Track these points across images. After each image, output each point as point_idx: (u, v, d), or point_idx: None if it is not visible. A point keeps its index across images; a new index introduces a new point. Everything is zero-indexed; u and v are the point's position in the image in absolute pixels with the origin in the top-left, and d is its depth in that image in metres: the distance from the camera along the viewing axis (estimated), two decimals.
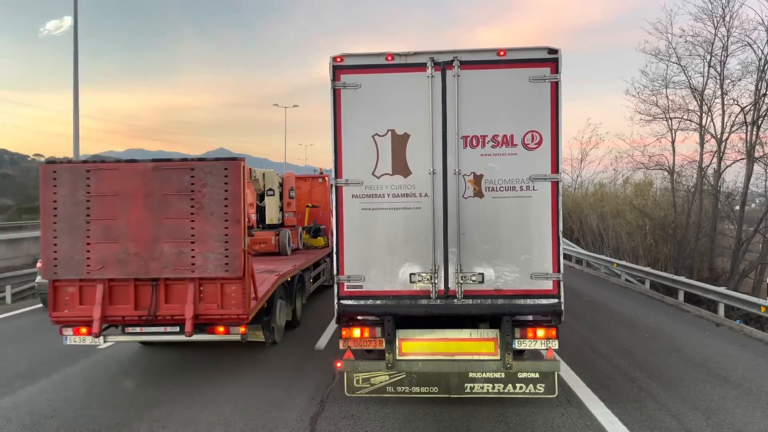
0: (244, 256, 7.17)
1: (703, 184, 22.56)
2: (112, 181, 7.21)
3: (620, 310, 13.52)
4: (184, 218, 7.12)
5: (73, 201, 7.14)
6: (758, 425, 6.33)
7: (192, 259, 7.09)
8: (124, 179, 7.21)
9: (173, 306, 7.26)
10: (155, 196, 7.15)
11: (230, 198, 7.09)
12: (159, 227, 7.11)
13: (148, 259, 7.13)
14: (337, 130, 6.09)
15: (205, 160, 7.32)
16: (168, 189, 7.15)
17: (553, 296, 6.02)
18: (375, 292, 6.14)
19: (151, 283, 7.21)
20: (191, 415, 6.64)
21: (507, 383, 6.23)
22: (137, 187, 7.15)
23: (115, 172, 7.25)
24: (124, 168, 7.28)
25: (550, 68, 5.95)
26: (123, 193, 7.16)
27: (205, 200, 7.11)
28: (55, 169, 7.16)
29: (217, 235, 7.08)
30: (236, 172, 7.13)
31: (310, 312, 12.42)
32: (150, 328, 7.61)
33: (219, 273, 7.09)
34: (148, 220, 7.13)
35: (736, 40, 20.57)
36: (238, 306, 7.30)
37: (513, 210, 6.02)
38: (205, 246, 7.09)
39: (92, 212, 7.15)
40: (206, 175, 7.14)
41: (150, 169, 7.19)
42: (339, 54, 6.09)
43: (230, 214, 7.09)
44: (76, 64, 21.74)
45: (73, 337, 7.60)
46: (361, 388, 6.35)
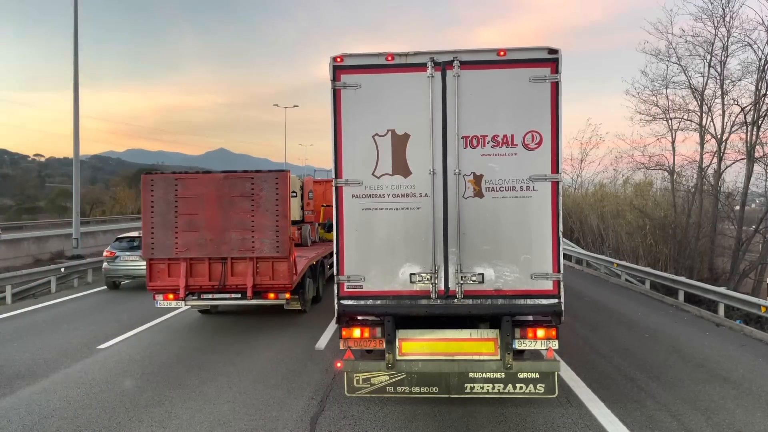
0: (290, 242, 9.99)
1: (703, 184, 22.56)
2: (193, 187, 9.97)
3: (620, 310, 13.52)
4: (246, 213, 9.86)
5: (165, 201, 9.92)
6: (758, 425, 6.33)
7: (252, 244, 9.88)
8: (202, 185, 9.97)
9: (237, 278, 10.05)
10: (225, 197, 9.86)
11: (280, 199, 9.83)
12: (228, 220, 9.87)
13: (219, 243, 9.91)
14: (337, 130, 6.08)
15: (261, 171, 10.12)
16: (234, 192, 9.88)
17: (553, 296, 6.00)
18: (375, 292, 6.13)
19: (221, 261, 10.00)
20: (191, 415, 6.64)
21: (507, 383, 6.21)
22: (212, 191, 9.87)
23: (195, 180, 10.03)
24: (202, 177, 10.16)
25: (550, 68, 5.93)
26: (201, 195, 9.89)
27: (261, 200, 9.83)
28: (152, 179, 10.05)
29: (270, 226, 9.83)
30: (284, 180, 9.88)
31: (309, 312, 12.49)
32: (220, 294, 10.36)
33: (272, 254, 9.90)
34: (219, 215, 9.87)
35: (736, 40, 20.62)
36: (285, 278, 10.09)
37: (513, 210, 6.01)
38: (261, 234, 9.84)
39: (179, 209, 9.93)
40: (262, 182, 9.86)
41: (221, 178, 9.99)
42: (339, 54, 6.08)
43: (280, 210, 9.85)
44: (76, 64, 21.76)
45: (163, 302, 10.41)
46: (361, 388, 6.34)
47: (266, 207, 9.85)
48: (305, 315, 12.17)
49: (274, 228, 9.85)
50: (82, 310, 13.69)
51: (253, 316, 12.55)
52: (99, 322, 12.09)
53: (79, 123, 21.69)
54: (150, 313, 12.44)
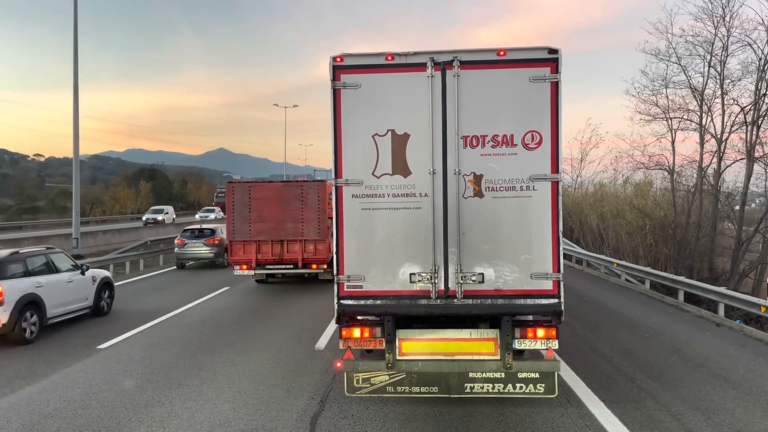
0: (327, 229, 14.88)
1: (703, 184, 22.55)
2: (261, 191, 15.28)
3: (620, 310, 13.52)
4: (297, 210, 15.08)
5: (242, 202, 15.23)
6: (758, 425, 6.33)
7: (301, 230, 15.12)
8: (267, 190, 15.33)
9: (291, 254, 15.37)
10: (283, 199, 15.09)
11: (321, 200, 15.00)
12: (285, 214, 15.09)
13: (279, 230, 15.16)
14: (337, 130, 6.08)
15: (308, 181, 16.62)
16: (289, 195, 15.12)
17: (553, 296, 6.00)
18: (375, 292, 6.12)
19: (280, 242, 15.29)
20: (191, 414, 6.64)
21: (507, 383, 6.20)
22: (274, 194, 15.13)
23: (262, 187, 15.53)
24: (267, 185, 15.73)
25: (550, 68, 5.93)
26: (267, 197, 15.13)
27: (307, 201, 15.02)
28: (233, 186, 15.62)
29: (314, 218, 15.06)
30: (323, 187, 14.99)
31: (310, 312, 12.47)
32: (279, 265, 15.57)
33: (314, 237, 15.17)
34: (279, 210, 15.10)
35: (736, 40, 20.59)
36: (323, 254, 15.21)
37: (513, 210, 6.00)
38: (308, 224, 15.05)
39: (252, 207, 15.24)
40: (308, 188, 15.18)
41: (281, 185, 15.57)
42: (339, 54, 6.07)
43: (320, 208, 15.05)
44: (76, 64, 21.74)
45: (239, 270, 15.61)
46: (361, 388, 6.33)
47: (311, 205, 15.02)
48: (305, 315, 12.28)
49: (316, 219, 15.04)
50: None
51: (253, 316, 12.57)
52: (99, 321, 12.09)
53: (79, 123, 21.68)
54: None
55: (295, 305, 13.73)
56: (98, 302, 12.73)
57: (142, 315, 12.66)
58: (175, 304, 13.91)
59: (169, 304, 14.03)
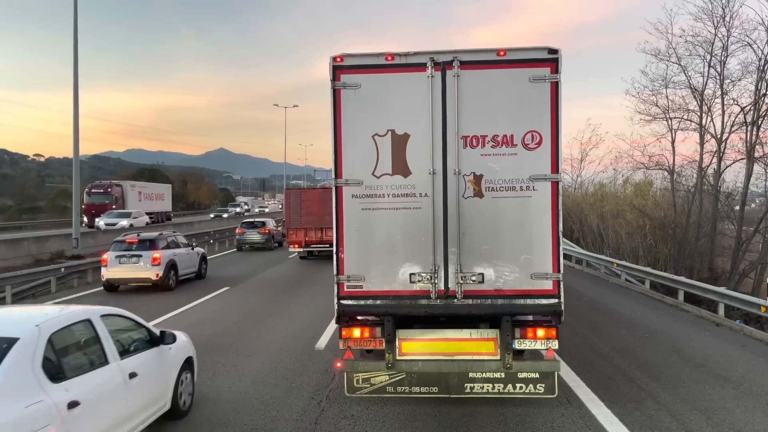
0: None
1: (703, 184, 22.54)
2: (308, 194, 24.01)
3: (620, 310, 13.52)
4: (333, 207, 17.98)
5: (296, 202, 23.26)
6: (758, 425, 6.33)
7: None
8: (313, 194, 23.96)
9: (327, 237, 20.94)
10: (322, 199, 21.41)
11: None
12: (324, 209, 20.69)
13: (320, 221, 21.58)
14: (337, 130, 6.07)
15: None
16: (326, 196, 19.44)
17: (553, 296, 5.99)
18: (375, 292, 6.11)
19: (320, 229, 21.60)
20: (191, 414, 6.63)
21: (507, 383, 6.20)
22: (317, 196, 22.41)
23: (309, 191, 25.49)
24: (312, 190, 25.83)
25: (550, 68, 5.92)
26: (312, 198, 22.80)
27: None
28: (290, 192, 25.16)
29: None
30: None
31: (310, 312, 12.48)
32: (319, 245, 22.38)
33: None
34: (320, 207, 21.26)
35: (736, 40, 20.58)
36: None
37: (513, 210, 6.00)
38: None
39: (302, 205, 22.90)
40: None
41: (321, 190, 23.44)
42: (339, 54, 6.06)
43: None
44: (76, 64, 21.74)
45: (293, 248, 23.26)
46: (361, 388, 6.33)
47: None
48: (305, 315, 12.30)
49: None
50: None
51: (253, 316, 12.57)
52: None
53: (79, 123, 21.69)
54: None
55: (295, 305, 13.73)
56: (200, 269, 18.83)
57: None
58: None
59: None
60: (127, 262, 15.94)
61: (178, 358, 6.60)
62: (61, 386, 4.44)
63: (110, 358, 5.22)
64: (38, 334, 4.52)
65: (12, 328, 4.59)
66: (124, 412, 5.20)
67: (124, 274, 15.94)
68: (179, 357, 6.62)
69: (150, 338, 6.15)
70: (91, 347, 5.16)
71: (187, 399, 6.69)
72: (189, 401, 6.77)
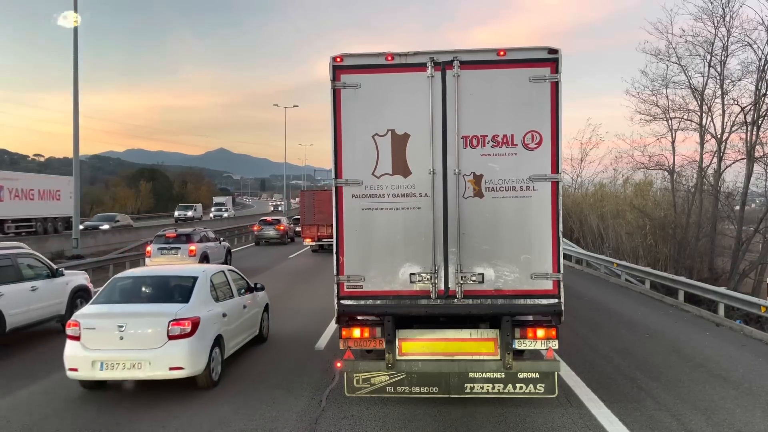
0: None
1: (703, 184, 22.54)
2: (320, 195, 27.00)
3: (620, 310, 13.52)
4: None
5: (309, 202, 27.21)
6: (758, 425, 6.33)
7: None
8: (323, 194, 26.53)
9: None
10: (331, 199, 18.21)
11: None
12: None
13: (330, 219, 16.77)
14: (337, 130, 6.08)
15: None
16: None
17: (553, 296, 6.00)
18: (375, 292, 6.12)
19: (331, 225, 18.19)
20: (191, 415, 6.64)
21: (507, 383, 6.21)
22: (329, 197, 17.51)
23: (321, 192, 28.26)
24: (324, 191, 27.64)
25: (550, 68, 5.93)
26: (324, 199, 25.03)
27: None
28: (304, 193, 30.78)
29: None
30: None
31: (310, 312, 12.49)
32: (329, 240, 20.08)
33: None
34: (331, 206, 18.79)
35: (736, 40, 20.59)
36: None
37: (513, 210, 6.01)
38: None
39: (315, 205, 26.49)
40: None
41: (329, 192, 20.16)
42: (339, 54, 6.07)
43: None
44: (76, 64, 21.75)
45: (306, 242, 27.22)
46: (361, 388, 6.34)
47: None
48: (305, 315, 12.33)
49: None
50: None
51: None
52: None
53: (79, 123, 21.68)
54: None
55: (295, 306, 13.72)
56: (226, 260, 21.01)
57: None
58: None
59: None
60: (168, 253, 18.59)
61: (263, 302, 10.15)
62: (218, 304, 8.19)
63: (234, 294, 8.92)
64: (206, 275, 8.35)
65: (192, 273, 8.39)
66: (241, 326, 8.90)
67: (164, 263, 17.64)
68: (263, 302, 10.16)
69: (249, 287, 9.69)
70: (226, 287, 8.81)
71: (266, 331, 10.16)
72: (267, 332, 10.20)
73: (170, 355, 7.02)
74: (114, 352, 7.01)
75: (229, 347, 8.28)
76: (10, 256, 10.24)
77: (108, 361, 6.99)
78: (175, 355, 7.03)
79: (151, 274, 8.76)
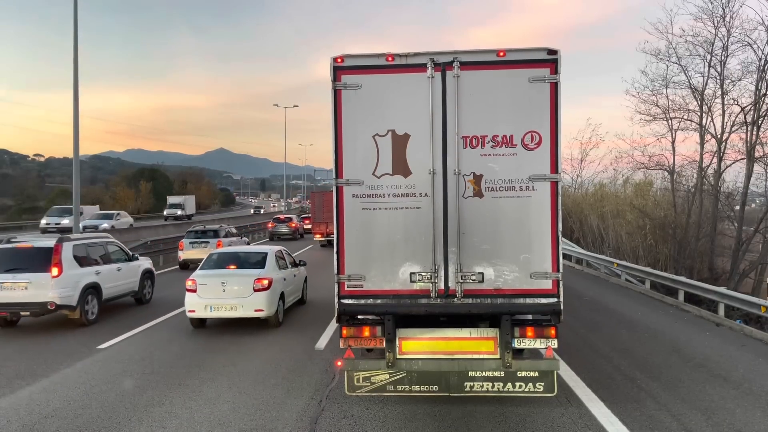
0: None
1: (703, 184, 22.55)
2: (328, 196, 28.22)
3: (620, 310, 13.52)
4: None
5: (319, 201, 30.42)
6: (758, 425, 6.33)
7: None
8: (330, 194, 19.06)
9: None
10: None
11: None
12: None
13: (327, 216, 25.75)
14: (338, 130, 6.11)
15: None
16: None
17: (552, 295, 6.02)
18: (375, 292, 6.15)
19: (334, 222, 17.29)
20: (191, 415, 6.64)
21: (506, 382, 6.22)
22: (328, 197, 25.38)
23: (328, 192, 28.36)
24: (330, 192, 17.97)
25: (549, 69, 5.94)
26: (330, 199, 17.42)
27: None
28: (314, 194, 32.81)
29: None
30: None
31: (310, 312, 12.46)
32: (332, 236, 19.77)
33: None
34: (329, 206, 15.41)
35: (736, 40, 20.60)
36: None
37: (512, 210, 6.03)
38: None
39: (324, 204, 29.36)
40: None
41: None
42: (340, 55, 6.09)
43: None
44: (76, 64, 21.74)
45: (317, 237, 30.44)
46: (361, 387, 6.35)
47: None
48: (305, 315, 12.36)
49: None
50: None
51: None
52: (99, 321, 12.11)
53: (79, 123, 21.67)
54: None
55: (295, 306, 13.74)
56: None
57: None
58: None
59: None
60: (198, 246, 21.79)
61: (304, 274, 14.10)
62: (281, 272, 11.82)
63: (288, 266, 12.59)
64: (272, 252, 12.06)
65: (263, 250, 12.27)
66: (293, 289, 12.73)
67: (196, 255, 21.07)
68: (304, 274, 14.11)
69: (295, 262, 13.43)
70: (282, 261, 12.43)
71: (305, 296, 14.09)
72: (306, 297, 14.10)
73: (255, 301, 10.70)
74: (219, 300, 10.72)
75: (287, 302, 12.09)
76: (102, 243, 13.24)
77: (215, 305, 10.69)
78: (258, 302, 10.70)
79: (236, 251, 12.80)
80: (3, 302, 10.91)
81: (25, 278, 10.97)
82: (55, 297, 10.97)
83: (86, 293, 11.67)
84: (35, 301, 10.89)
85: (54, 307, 10.96)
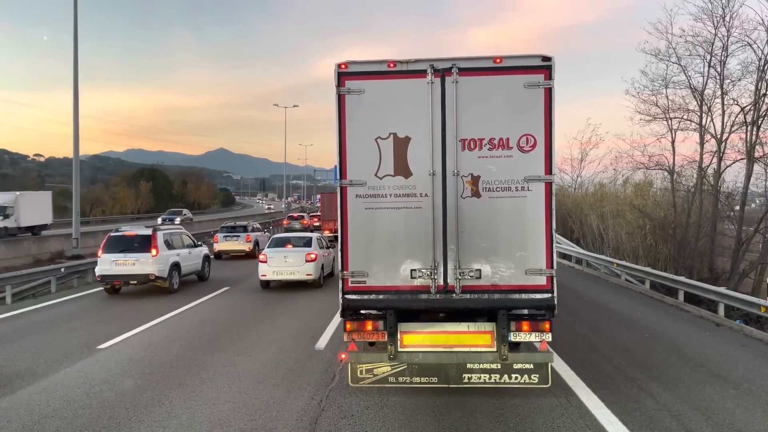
0: None
1: (703, 184, 22.55)
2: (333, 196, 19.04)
3: (620, 310, 13.52)
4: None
5: (328, 201, 36.43)
6: (758, 425, 6.35)
7: None
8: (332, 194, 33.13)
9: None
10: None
11: None
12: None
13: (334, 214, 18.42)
14: (342, 133, 6.35)
15: None
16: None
17: (546, 291, 6.26)
18: (378, 287, 6.40)
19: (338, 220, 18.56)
20: (191, 415, 6.65)
21: (503, 374, 6.52)
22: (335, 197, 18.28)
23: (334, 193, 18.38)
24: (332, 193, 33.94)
25: (543, 75, 6.18)
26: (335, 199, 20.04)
27: None
28: (323, 195, 41.71)
29: None
30: None
31: (310, 312, 12.48)
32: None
33: None
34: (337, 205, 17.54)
35: (736, 40, 20.59)
36: None
37: (509, 209, 6.27)
38: None
39: (332, 203, 33.07)
40: None
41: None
42: (344, 61, 6.34)
43: None
44: (76, 64, 21.77)
45: (326, 233, 31.00)
46: (364, 379, 6.63)
47: None
48: (305, 315, 12.35)
49: None
50: (83, 310, 13.72)
51: (253, 316, 12.59)
52: (99, 321, 12.12)
53: (79, 123, 21.70)
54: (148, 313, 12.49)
55: (295, 306, 13.77)
56: None
57: None
58: None
59: None
60: (230, 239, 26.62)
61: (333, 254, 17.95)
62: (321, 250, 17.44)
63: (325, 246, 18.23)
64: (315, 235, 18.19)
65: (307, 235, 18.50)
66: (327, 263, 17.98)
67: (228, 246, 26.44)
68: (333, 254, 17.97)
69: (327, 245, 18.40)
70: (321, 242, 18.09)
71: (335, 271, 16.15)
72: (333, 272, 17.68)
73: (306, 269, 16.04)
74: (282, 267, 16.03)
75: (325, 273, 17.32)
76: (179, 233, 17.87)
77: (280, 271, 16.05)
78: (308, 269, 16.05)
79: (291, 235, 19.02)
80: (118, 273, 15.11)
81: (133, 257, 15.13)
82: (155, 270, 15.16)
83: (172, 269, 15.96)
84: (140, 273, 15.02)
85: (153, 278, 15.10)
